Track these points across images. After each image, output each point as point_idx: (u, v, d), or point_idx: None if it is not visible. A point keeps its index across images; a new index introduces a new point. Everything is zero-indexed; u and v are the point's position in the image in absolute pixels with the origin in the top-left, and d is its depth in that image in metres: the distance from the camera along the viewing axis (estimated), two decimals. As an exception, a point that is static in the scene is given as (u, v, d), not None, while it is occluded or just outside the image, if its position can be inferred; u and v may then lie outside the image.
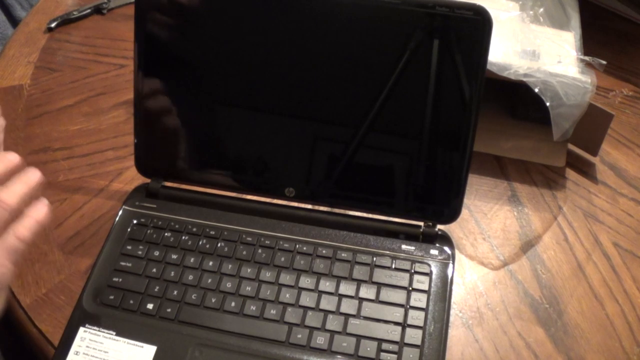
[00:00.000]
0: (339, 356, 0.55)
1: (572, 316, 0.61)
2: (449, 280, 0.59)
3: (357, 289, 0.58)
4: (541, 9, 0.77)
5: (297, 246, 0.61)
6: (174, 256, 0.60)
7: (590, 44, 0.76)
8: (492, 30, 0.57)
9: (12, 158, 0.52)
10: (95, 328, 0.56)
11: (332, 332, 0.56)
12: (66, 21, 0.90)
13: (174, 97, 0.64)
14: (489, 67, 0.64)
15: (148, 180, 0.66)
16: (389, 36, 0.59)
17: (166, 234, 0.62)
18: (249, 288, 0.58)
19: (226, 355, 0.55)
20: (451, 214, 0.62)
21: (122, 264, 0.60)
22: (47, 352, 0.57)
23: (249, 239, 0.62)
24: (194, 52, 0.62)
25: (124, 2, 0.93)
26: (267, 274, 0.59)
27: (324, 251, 0.61)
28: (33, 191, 0.52)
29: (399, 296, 0.58)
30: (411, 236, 0.62)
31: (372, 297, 0.58)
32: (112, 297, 0.58)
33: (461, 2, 0.57)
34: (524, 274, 0.64)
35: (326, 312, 0.57)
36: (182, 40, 0.62)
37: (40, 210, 0.52)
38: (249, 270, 0.60)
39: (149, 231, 0.62)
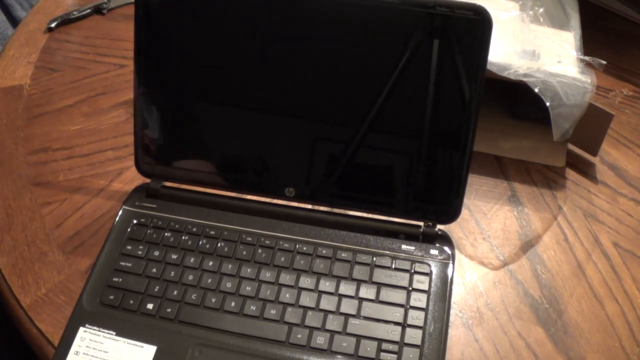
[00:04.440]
0: (339, 356, 0.55)
1: (572, 316, 0.61)
2: (449, 280, 0.59)
3: (357, 289, 0.58)
4: (541, 9, 0.77)
5: (297, 246, 0.61)
6: (174, 256, 0.60)
7: (590, 44, 0.76)
8: (492, 30, 0.57)
9: None
10: (95, 328, 0.56)
11: (332, 332, 0.56)
12: (66, 21, 0.90)
13: (174, 97, 0.64)
14: (489, 67, 0.64)
15: (148, 180, 0.66)
16: (389, 36, 0.59)
17: (166, 234, 0.62)
18: (249, 288, 0.58)
19: (226, 355, 0.55)
20: (451, 214, 0.62)
21: (122, 264, 0.60)
22: (47, 352, 0.57)
23: (249, 239, 0.62)
24: (193, 52, 0.62)
25: (124, 2, 0.93)
26: (267, 274, 0.59)
27: (324, 251, 0.61)
28: None
29: (399, 296, 0.58)
30: (411, 236, 0.63)
31: (372, 297, 0.58)
32: (112, 297, 0.58)
33: (461, 2, 0.57)
34: (524, 274, 0.64)
35: (326, 312, 0.57)
36: (182, 40, 0.62)
37: None
38: (249, 270, 0.60)
39: (149, 231, 0.62)
